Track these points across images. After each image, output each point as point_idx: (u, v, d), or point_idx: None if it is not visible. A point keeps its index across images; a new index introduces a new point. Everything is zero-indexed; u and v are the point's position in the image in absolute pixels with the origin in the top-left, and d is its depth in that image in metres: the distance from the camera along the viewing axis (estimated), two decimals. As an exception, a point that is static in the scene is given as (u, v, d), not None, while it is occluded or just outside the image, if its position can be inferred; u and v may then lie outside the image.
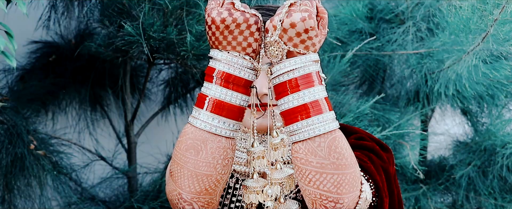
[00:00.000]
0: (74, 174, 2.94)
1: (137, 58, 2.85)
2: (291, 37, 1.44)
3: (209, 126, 1.50)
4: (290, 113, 1.46)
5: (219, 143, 1.51)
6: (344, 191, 1.46)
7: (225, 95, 1.50)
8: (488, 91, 2.87)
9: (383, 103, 3.02)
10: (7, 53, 1.80)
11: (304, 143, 1.45)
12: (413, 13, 2.99)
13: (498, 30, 2.42)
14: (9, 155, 2.56)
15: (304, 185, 1.48)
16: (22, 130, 2.58)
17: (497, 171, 3.03)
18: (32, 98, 2.92)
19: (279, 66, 1.47)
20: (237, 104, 1.51)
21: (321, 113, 1.44)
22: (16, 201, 2.66)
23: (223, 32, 1.48)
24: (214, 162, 1.51)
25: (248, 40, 1.49)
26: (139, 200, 2.77)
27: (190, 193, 1.54)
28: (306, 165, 1.45)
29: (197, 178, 1.52)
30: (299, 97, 1.45)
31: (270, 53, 1.47)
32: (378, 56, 3.04)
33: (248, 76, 1.51)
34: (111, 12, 2.59)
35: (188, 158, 1.51)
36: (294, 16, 1.42)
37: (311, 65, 1.46)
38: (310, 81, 1.45)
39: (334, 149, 1.44)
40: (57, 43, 3.03)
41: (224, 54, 1.50)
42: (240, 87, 1.51)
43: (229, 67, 1.49)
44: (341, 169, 1.45)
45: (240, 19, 1.47)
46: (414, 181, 3.14)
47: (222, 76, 1.49)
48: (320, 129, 1.44)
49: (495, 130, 3.03)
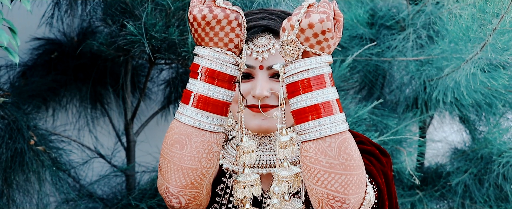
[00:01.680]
0: (72, 171, 2.95)
1: (138, 57, 2.87)
2: (308, 38, 1.46)
3: (193, 121, 1.54)
4: (301, 113, 1.49)
5: (203, 137, 1.54)
6: (351, 192, 1.49)
7: (209, 91, 1.54)
8: (486, 99, 2.88)
9: (381, 108, 3.03)
10: (10, 49, 1.82)
11: (314, 143, 1.48)
12: (413, 20, 3.01)
13: (497, 40, 2.43)
14: (9, 150, 2.57)
15: (312, 184, 1.50)
16: (23, 126, 2.59)
17: (493, 180, 3.04)
18: (33, 94, 2.93)
19: (294, 66, 1.49)
20: (222, 99, 1.55)
21: (332, 114, 1.47)
22: (15, 196, 2.67)
23: (204, 28, 1.52)
24: (198, 156, 1.54)
25: (229, 35, 1.53)
26: (136, 198, 2.78)
27: (177, 187, 1.57)
28: (315, 164, 1.48)
29: (183, 171, 1.55)
30: (313, 97, 1.48)
31: (286, 52, 1.49)
32: (378, 62, 3.05)
33: (231, 71, 1.55)
34: (114, 11, 2.60)
35: (174, 153, 1.55)
36: (313, 17, 1.45)
37: (325, 66, 1.49)
38: (323, 82, 1.48)
39: (344, 150, 1.47)
40: (59, 41, 3.04)
41: (207, 50, 1.54)
42: (224, 82, 1.55)
43: (212, 63, 1.53)
44: (349, 170, 1.48)
45: (220, 15, 1.51)
46: (410, 187, 3.15)
47: (206, 72, 1.53)
48: (332, 129, 1.47)
49: (492, 139, 3.05)
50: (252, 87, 1.68)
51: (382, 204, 1.71)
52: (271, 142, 1.75)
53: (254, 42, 1.67)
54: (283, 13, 1.70)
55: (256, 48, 1.66)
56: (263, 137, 1.75)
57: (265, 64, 1.67)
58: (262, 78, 1.67)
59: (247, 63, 1.67)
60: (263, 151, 1.75)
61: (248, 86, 1.69)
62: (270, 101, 1.68)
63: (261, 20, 1.66)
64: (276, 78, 1.68)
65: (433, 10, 2.96)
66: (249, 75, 1.69)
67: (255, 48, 1.66)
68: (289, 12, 1.72)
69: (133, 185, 2.96)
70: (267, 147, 1.75)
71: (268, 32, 1.67)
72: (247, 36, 1.65)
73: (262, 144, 1.75)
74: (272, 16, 1.68)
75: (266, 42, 1.66)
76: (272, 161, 1.74)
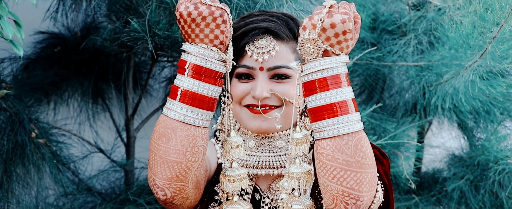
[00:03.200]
0: (72, 164, 2.96)
1: (141, 54, 2.88)
2: (329, 37, 1.49)
3: (178, 115, 1.57)
4: (318, 111, 1.52)
5: (188, 131, 1.58)
6: (365, 189, 1.53)
7: (194, 86, 1.57)
8: (484, 107, 2.90)
9: (380, 112, 3.04)
10: (15, 42, 1.83)
11: (332, 140, 1.51)
12: (415, 26, 3.02)
13: (496, 48, 2.45)
14: (10, 142, 2.58)
15: (327, 181, 1.53)
16: (24, 118, 2.61)
17: (489, 186, 3.05)
18: (35, 87, 2.94)
19: (313, 64, 1.52)
20: (208, 95, 1.58)
21: (348, 114, 1.51)
22: (14, 188, 2.69)
23: (190, 25, 1.56)
24: (183, 150, 1.58)
25: (214, 32, 1.57)
26: (135, 193, 2.79)
27: (162, 179, 1.61)
28: (332, 161, 1.51)
29: (168, 164, 1.59)
30: (331, 95, 1.51)
31: (305, 51, 1.52)
32: (378, 66, 3.06)
33: (216, 67, 1.58)
34: (119, 8, 2.62)
35: (160, 146, 1.59)
36: (335, 17, 1.48)
37: (342, 66, 1.52)
38: (339, 81, 1.51)
39: (360, 148, 1.51)
40: (63, 35, 3.05)
41: (193, 46, 1.58)
42: (210, 78, 1.58)
43: (198, 59, 1.57)
44: (364, 168, 1.51)
45: (205, 12, 1.55)
46: (406, 191, 3.16)
47: (193, 68, 1.57)
48: (350, 128, 1.50)
49: (490, 146, 3.06)
50: (252, 87, 1.71)
51: (388, 202, 1.73)
52: (270, 143, 1.77)
53: (255, 44, 1.69)
54: (284, 16, 1.72)
55: (257, 49, 1.68)
56: (263, 138, 1.77)
57: (265, 66, 1.69)
58: (262, 79, 1.69)
59: (247, 64, 1.69)
60: (262, 152, 1.77)
61: (248, 86, 1.71)
62: (270, 102, 1.70)
63: (262, 22, 1.69)
64: (276, 79, 1.70)
65: (435, 16, 2.98)
66: (249, 75, 1.71)
67: (256, 50, 1.68)
68: (290, 15, 1.74)
69: (132, 181, 2.97)
70: (267, 148, 1.77)
71: (269, 34, 1.69)
72: (248, 38, 1.68)
73: (262, 145, 1.77)
74: (273, 19, 1.70)
75: (266, 44, 1.68)
76: (271, 162, 1.76)
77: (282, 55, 1.69)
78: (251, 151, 1.77)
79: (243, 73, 1.71)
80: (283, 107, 1.70)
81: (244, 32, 1.69)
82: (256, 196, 1.78)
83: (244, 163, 1.77)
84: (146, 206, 2.71)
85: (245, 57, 1.69)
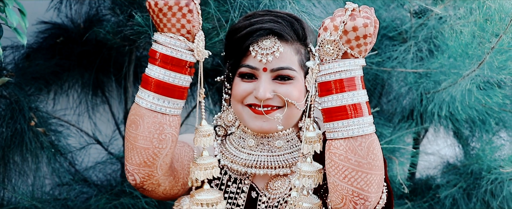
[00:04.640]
0: (69, 155, 2.97)
1: (143, 48, 2.89)
2: (350, 40, 1.51)
3: (146, 103, 1.62)
4: (332, 112, 1.55)
5: (154, 118, 1.62)
6: (373, 190, 1.56)
7: (163, 75, 1.61)
8: (480, 116, 2.91)
9: (377, 117, 3.06)
10: (19, 30, 1.85)
11: (345, 141, 1.54)
12: (416, 33, 3.03)
13: (494, 58, 2.47)
14: (9, 129, 2.60)
15: (338, 181, 1.56)
16: (24, 106, 2.62)
17: (481, 195, 3.07)
18: (36, 76, 2.95)
19: (332, 65, 1.54)
20: (177, 84, 1.62)
21: (362, 116, 1.54)
22: (11, 175, 2.70)
23: (158, 15, 1.60)
24: (150, 136, 1.63)
25: (181, 21, 1.60)
26: (130, 185, 2.80)
27: (132, 165, 1.67)
28: (344, 161, 1.54)
29: (136, 150, 1.64)
30: (348, 97, 1.54)
31: (325, 51, 1.54)
32: (377, 71, 3.08)
33: (183, 56, 1.62)
34: (123, 1, 2.63)
35: (130, 132, 1.65)
36: (358, 21, 1.50)
37: (359, 69, 1.54)
38: (355, 84, 1.54)
39: (372, 151, 1.54)
40: (66, 26, 3.06)
41: (162, 36, 1.61)
42: (177, 67, 1.62)
43: (165, 49, 1.61)
44: (374, 170, 1.55)
45: (171, 2, 1.58)
46: (399, 196, 3.18)
47: (161, 58, 1.61)
48: (364, 130, 1.53)
49: (484, 155, 3.08)
50: (254, 87, 1.72)
51: (390, 204, 1.76)
52: (270, 142, 1.78)
53: (259, 44, 1.70)
54: (289, 16, 1.73)
55: (261, 50, 1.69)
56: (262, 138, 1.78)
57: (268, 67, 1.70)
58: (265, 80, 1.71)
59: (251, 64, 1.71)
60: (261, 151, 1.78)
61: (251, 86, 1.72)
62: (273, 103, 1.72)
63: (267, 23, 1.69)
64: (279, 80, 1.72)
65: (436, 24, 2.99)
66: (252, 75, 1.73)
67: (260, 51, 1.69)
68: (295, 16, 1.75)
69: (128, 173, 2.98)
70: (266, 147, 1.78)
71: (273, 35, 1.70)
72: (253, 38, 1.69)
73: (261, 144, 1.78)
74: (278, 19, 1.71)
75: (271, 45, 1.69)
76: (269, 162, 1.77)
77: (285, 56, 1.70)
78: (249, 150, 1.79)
79: (246, 73, 1.72)
80: (285, 108, 1.72)
81: (249, 32, 1.69)
82: (252, 194, 1.79)
83: (243, 162, 1.78)
84: (141, 198, 2.72)
85: (249, 57, 1.70)
